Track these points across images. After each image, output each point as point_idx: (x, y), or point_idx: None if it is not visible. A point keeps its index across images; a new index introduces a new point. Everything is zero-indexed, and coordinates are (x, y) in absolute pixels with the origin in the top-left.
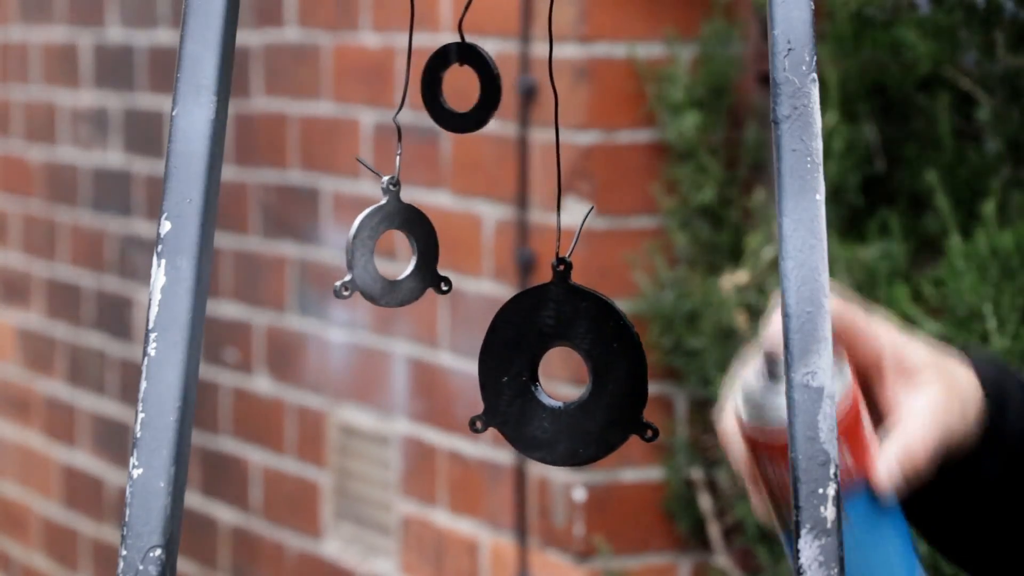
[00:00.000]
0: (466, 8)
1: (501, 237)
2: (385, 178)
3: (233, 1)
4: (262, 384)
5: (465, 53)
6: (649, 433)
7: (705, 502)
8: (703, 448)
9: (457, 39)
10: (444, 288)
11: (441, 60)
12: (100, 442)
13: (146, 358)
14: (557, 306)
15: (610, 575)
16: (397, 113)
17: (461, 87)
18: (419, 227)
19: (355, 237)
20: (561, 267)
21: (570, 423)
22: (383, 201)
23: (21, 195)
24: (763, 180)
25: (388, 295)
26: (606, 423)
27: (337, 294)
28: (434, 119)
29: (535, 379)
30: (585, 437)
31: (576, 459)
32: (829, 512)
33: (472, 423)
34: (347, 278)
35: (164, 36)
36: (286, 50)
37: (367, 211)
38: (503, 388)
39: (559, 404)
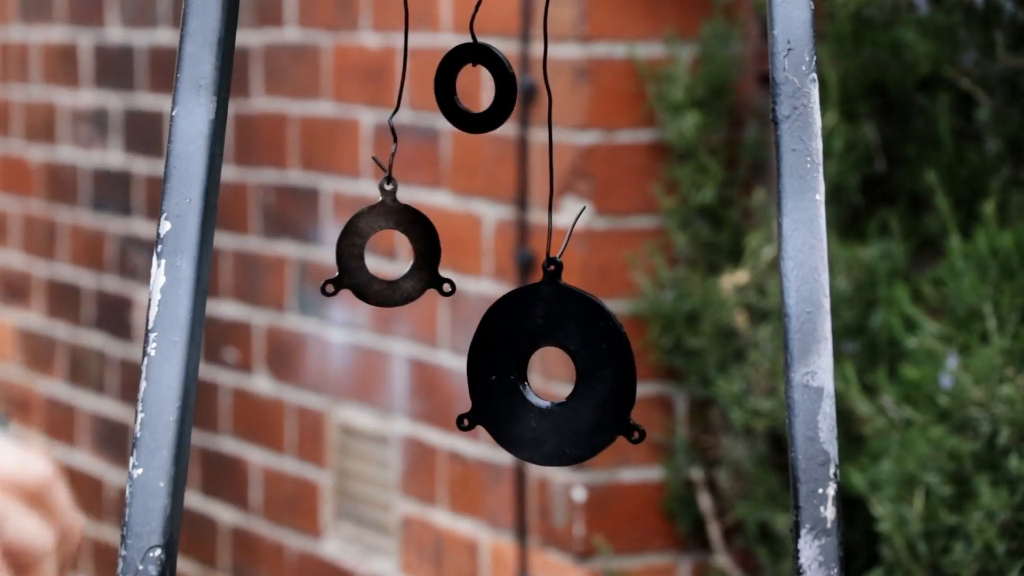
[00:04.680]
0: (476, 9)
1: (501, 237)
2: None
3: (233, 1)
4: (262, 384)
5: (478, 53)
6: (636, 435)
7: (705, 502)
8: (703, 448)
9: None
10: (447, 290)
11: (454, 61)
12: (100, 442)
13: (146, 358)
14: (547, 306)
15: (610, 575)
16: (393, 115)
17: (462, 86)
18: (417, 228)
19: (345, 236)
20: (551, 267)
21: (557, 423)
22: (377, 201)
23: (21, 195)
24: (763, 180)
25: (384, 294)
26: (593, 423)
27: (323, 291)
28: (449, 119)
29: (524, 378)
30: (572, 437)
31: (563, 459)
32: (829, 512)
33: (459, 421)
34: (335, 276)
35: (164, 36)
36: (286, 50)
37: (359, 211)
38: (491, 387)
39: (547, 404)
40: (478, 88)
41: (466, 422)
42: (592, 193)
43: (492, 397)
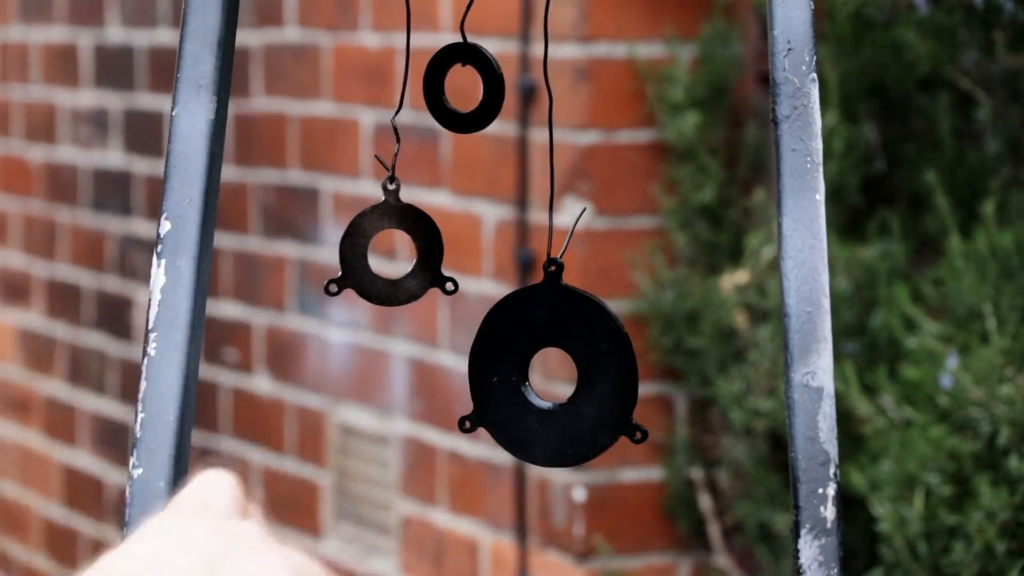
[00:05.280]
0: (467, 9)
1: (501, 237)
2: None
3: (233, 1)
4: (262, 384)
5: (468, 53)
6: (638, 435)
7: (705, 502)
8: (703, 448)
9: (458, 39)
10: (450, 288)
11: (443, 61)
12: (100, 442)
13: (146, 358)
14: (548, 307)
15: (610, 575)
16: (396, 114)
17: (460, 86)
18: (419, 227)
19: (348, 236)
20: (552, 268)
21: (559, 424)
22: (380, 201)
23: (21, 195)
24: (763, 180)
25: (386, 294)
26: (595, 424)
27: (327, 291)
28: (436, 119)
29: (525, 379)
30: (574, 438)
31: (566, 459)
32: (829, 512)
33: (461, 423)
34: (338, 276)
35: (164, 36)
36: (286, 50)
37: (363, 210)
38: (493, 388)
39: (548, 404)
40: (477, 87)
41: (468, 424)
42: (592, 193)
43: (494, 398)
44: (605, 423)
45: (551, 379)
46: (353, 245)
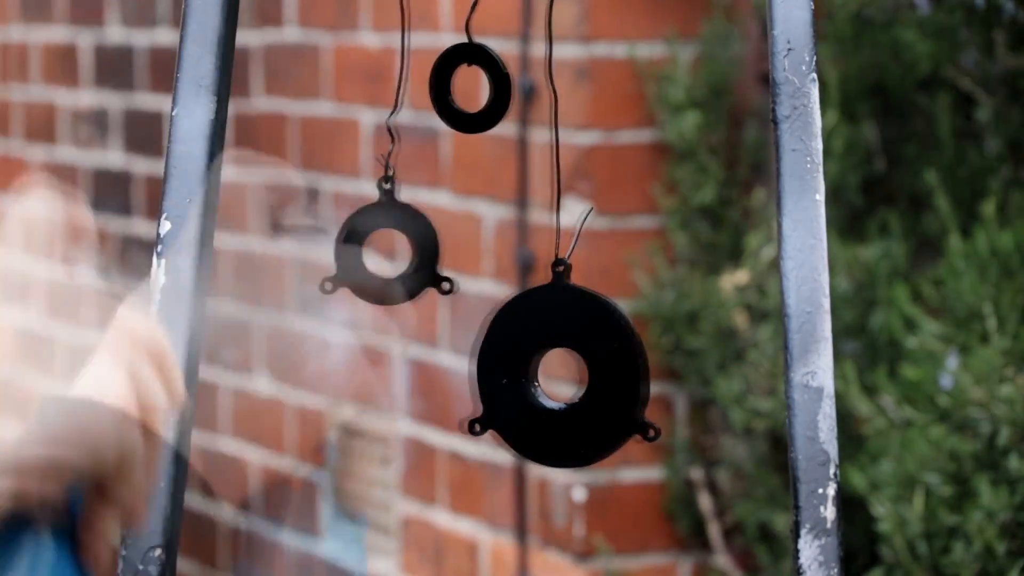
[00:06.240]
0: (472, 9)
1: (501, 237)
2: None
3: (233, 1)
4: (262, 384)
5: (474, 54)
6: (651, 432)
7: (705, 502)
8: (703, 448)
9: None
10: (446, 288)
11: (450, 61)
12: None
13: None
14: (557, 307)
15: (610, 575)
16: (391, 115)
17: (461, 86)
18: (416, 226)
19: (343, 235)
20: (560, 268)
21: (571, 424)
22: (374, 200)
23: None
24: (763, 180)
25: (383, 293)
26: (606, 423)
27: (322, 289)
28: (444, 119)
29: (533, 380)
30: (585, 438)
31: (579, 460)
32: (829, 512)
33: (471, 426)
34: (333, 274)
35: (164, 36)
36: (286, 50)
37: (358, 209)
38: (501, 390)
39: (558, 405)
40: (477, 88)
41: (477, 427)
42: (592, 193)
43: (503, 400)
44: (617, 422)
45: (550, 379)
46: (349, 244)
